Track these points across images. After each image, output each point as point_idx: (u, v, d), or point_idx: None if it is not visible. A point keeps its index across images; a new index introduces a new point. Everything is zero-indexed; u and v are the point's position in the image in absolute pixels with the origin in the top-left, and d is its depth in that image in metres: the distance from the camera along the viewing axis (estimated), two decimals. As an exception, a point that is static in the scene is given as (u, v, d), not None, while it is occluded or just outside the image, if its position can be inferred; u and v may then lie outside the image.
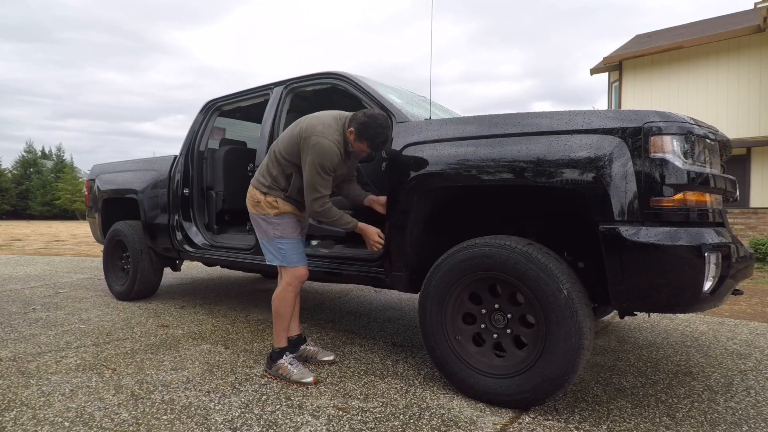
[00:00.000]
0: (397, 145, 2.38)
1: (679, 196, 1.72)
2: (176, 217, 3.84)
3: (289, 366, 2.31)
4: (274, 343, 2.41)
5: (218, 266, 3.93)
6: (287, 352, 2.39)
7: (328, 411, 1.95)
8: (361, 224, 2.40)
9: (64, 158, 42.88)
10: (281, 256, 2.39)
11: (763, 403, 2.09)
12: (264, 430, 1.78)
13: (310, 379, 2.25)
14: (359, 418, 1.89)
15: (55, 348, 2.77)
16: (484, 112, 2.19)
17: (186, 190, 3.81)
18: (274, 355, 2.36)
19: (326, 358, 2.57)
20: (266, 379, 2.31)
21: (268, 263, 2.46)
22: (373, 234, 2.38)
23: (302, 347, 2.57)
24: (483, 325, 2.09)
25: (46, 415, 1.89)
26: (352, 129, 2.27)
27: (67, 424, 1.82)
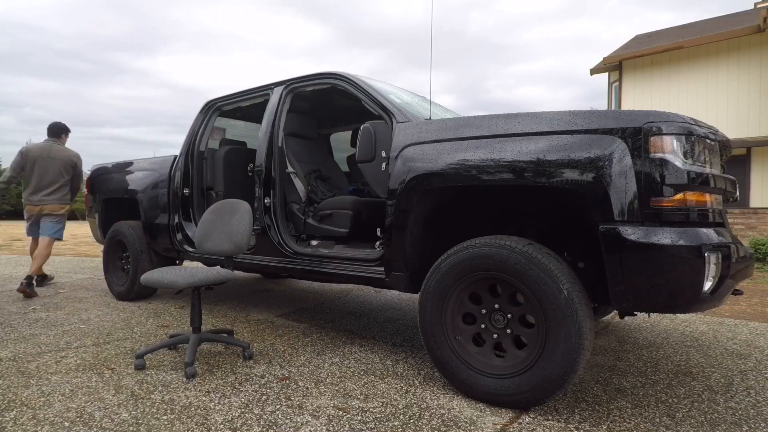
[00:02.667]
0: (397, 145, 2.38)
1: (679, 196, 1.72)
2: (176, 217, 3.84)
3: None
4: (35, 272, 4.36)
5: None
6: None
7: (328, 411, 1.95)
8: None
9: (64, 158, 42.81)
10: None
11: (763, 403, 2.09)
12: (264, 430, 1.79)
13: None
14: (359, 418, 1.89)
15: (55, 348, 2.77)
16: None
17: (186, 190, 3.81)
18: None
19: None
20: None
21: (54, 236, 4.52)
22: None
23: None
24: (483, 326, 2.09)
25: (46, 415, 1.89)
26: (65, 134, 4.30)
27: (67, 424, 1.82)
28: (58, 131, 4.82)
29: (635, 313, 2.30)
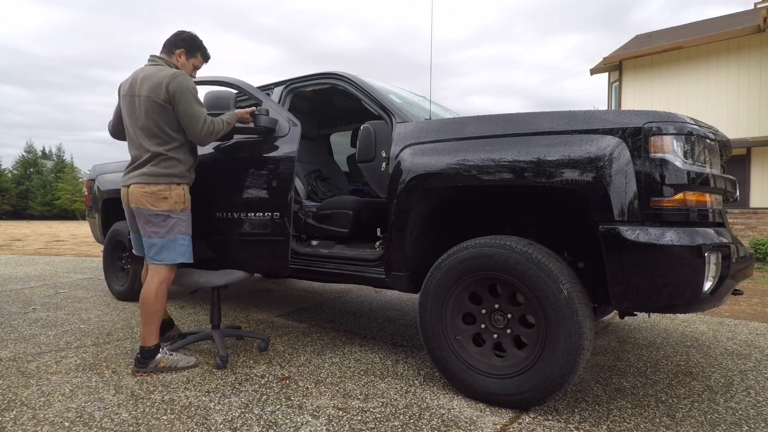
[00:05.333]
0: (397, 145, 2.38)
1: (679, 196, 1.72)
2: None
3: (170, 356, 2.38)
4: (143, 343, 2.34)
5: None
6: (162, 347, 2.41)
7: (328, 411, 1.95)
8: (236, 111, 2.57)
9: (64, 158, 42.88)
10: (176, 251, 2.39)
11: (763, 403, 2.09)
12: (264, 430, 1.78)
13: (194, 360, 2.44)
14: (359, 418, 1.89)
15: (55, 348, 2.77)
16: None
17: None
18: (147, 353, 2.33)
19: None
20: (142, 377, 2.29)
21: (158, 261, 2.37)
22: (245, 113, 2.58)
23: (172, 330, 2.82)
24: (483, 326, 2.09)
25: (46, 415, 1.89)
26: (181, 50, 2.47)
27: (67, 424, 1.82)
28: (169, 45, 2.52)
29: (635, 313, 2.29)
